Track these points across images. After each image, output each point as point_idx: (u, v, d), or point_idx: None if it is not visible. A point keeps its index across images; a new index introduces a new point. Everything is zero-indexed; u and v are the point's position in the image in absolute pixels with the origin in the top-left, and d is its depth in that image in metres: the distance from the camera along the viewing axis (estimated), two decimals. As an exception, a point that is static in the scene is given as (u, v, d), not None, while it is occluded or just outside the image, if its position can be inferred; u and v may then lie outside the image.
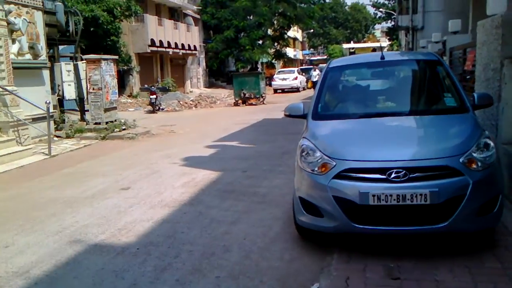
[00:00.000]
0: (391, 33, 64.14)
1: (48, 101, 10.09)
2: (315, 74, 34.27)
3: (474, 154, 3.75)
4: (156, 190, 6.45)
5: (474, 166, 3.70)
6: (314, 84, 34.66)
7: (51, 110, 11.55)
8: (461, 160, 3.66)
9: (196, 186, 6.56)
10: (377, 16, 69.45)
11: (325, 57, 75.30)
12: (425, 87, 4.94)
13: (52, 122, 12.13)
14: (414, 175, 3.58)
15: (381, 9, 63.74)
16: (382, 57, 4.96)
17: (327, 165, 3.89)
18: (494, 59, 5.88)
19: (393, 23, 60.76)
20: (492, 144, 3.89)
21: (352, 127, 4.38)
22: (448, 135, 3.98)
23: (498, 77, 5.78)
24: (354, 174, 3.73)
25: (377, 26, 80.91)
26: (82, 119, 13.30)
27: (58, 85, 12.76)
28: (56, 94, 12.98)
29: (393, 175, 3.60)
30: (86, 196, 6.34)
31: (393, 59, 5.25)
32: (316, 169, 3.98)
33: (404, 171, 3.60)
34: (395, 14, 52.28)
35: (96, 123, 12.62)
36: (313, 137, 4.33)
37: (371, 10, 72.41)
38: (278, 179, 6.79)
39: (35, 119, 10.87)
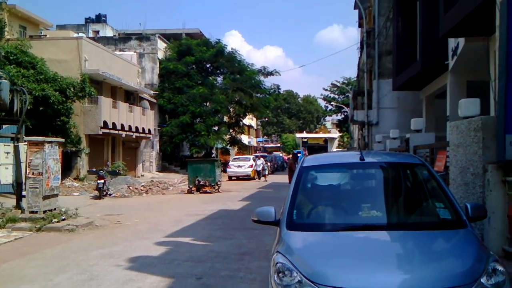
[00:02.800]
0: (341, 125, 66.91)
1: (-25, 188, 8.88)
2: (259, 163, 32.38)
3: (484, 282, 3.16)
4: (93, 306, 5.33)
5: (486, 297, 3.08)
6: (258, 173, 32.01)
7: (-19, 196, 10.29)
8: (472, 291, 3.05)
9: (142, 300, 5.51)
10: (328, 109, 72.89)
11: (279, 145, 76.88)
12: (414, 195, 4.42)
13: (-20, 210, 10.76)
14: (420, 310, 2.90)
15: (331, 103, 66.99)
16: (362, 158, 4.45)
17: (309, 291, 3.15)
18: (474, 163, 5.54)
19: (343, 116, 63.69)
20: (501, 268, 3.31)
21: (335, 241, 3.69)
22: (452, 257, 3.36)
23: (480, 183, 5.40)
24: (345, 307, 3.00)
25: (328, 118, 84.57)
26: (18, 206, 11.92)
27: (-6, 168, 11.53)
28: (-10, 177, 11.69)
29: (395, 311, 2.91)
30: (2, 313, 5.13)
31: (373, 161, 4.75)
32: (295, 296, 3.22)
33: (408, 306, 2.91)
34: (345, 108, 54.97)
35: (32, 212, 11.27)
36: (288, 251, 3.58)
37: (322, 103, 76.05)
38: (239, 291, 5.87)
39: (-40, 207, 9.51)
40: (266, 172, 33.47)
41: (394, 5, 15.73)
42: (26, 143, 11.74)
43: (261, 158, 34.72)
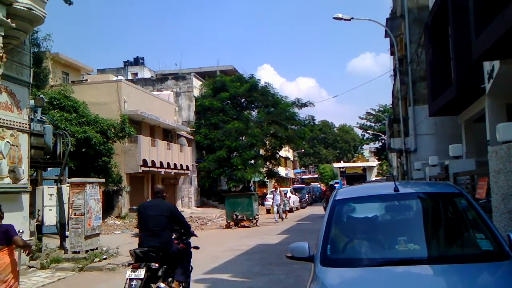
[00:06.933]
0: (380, 153, 65.69)
1: (21, 230, 9.18)
2: (278, 198, 25.12)
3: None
4: None
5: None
6: (276, 210, 24.90)
7: (27, 238, 10.62)
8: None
9: None
10: (365, 137, 71.90)
11: (316, 175, 76.05)
12: (453, 227, 4.26)
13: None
14: None
15: (368, 131, 66.16)
16: (396, 189, 4.35)
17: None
18: (516, 190, 5.31)
19: (380, 143, 62.67)
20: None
21: (371, 278, 3.58)
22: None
23: (524, 210, 5.16)
24: None
25: (365, 146, 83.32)
26: (62, 246, 12.27)
27: (38, 210, 11.94)
28: (35, 219, 12.10)
29: None
30: None
31: (408, 192, 4.64)
32: None
33: None
34: (382, 135, 54.16)
35: (75, 252, 11.56)
36: (324, 291, 3.50)
37: (359, 131, 75.26)
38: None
39: (7, 249, 9.84)
40: (288, 208, 27.38)
41: (425, 32, 15.61)
42: (68, 184, 12.17)
43: (273, 192, 26.71)
